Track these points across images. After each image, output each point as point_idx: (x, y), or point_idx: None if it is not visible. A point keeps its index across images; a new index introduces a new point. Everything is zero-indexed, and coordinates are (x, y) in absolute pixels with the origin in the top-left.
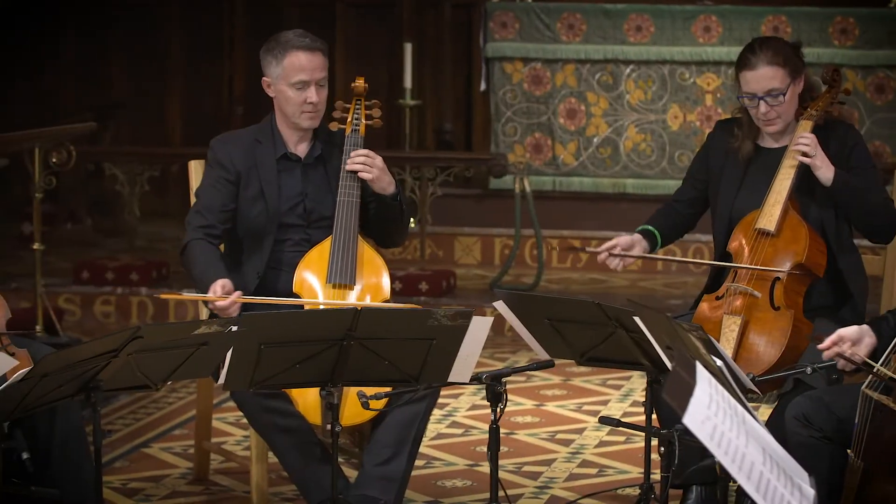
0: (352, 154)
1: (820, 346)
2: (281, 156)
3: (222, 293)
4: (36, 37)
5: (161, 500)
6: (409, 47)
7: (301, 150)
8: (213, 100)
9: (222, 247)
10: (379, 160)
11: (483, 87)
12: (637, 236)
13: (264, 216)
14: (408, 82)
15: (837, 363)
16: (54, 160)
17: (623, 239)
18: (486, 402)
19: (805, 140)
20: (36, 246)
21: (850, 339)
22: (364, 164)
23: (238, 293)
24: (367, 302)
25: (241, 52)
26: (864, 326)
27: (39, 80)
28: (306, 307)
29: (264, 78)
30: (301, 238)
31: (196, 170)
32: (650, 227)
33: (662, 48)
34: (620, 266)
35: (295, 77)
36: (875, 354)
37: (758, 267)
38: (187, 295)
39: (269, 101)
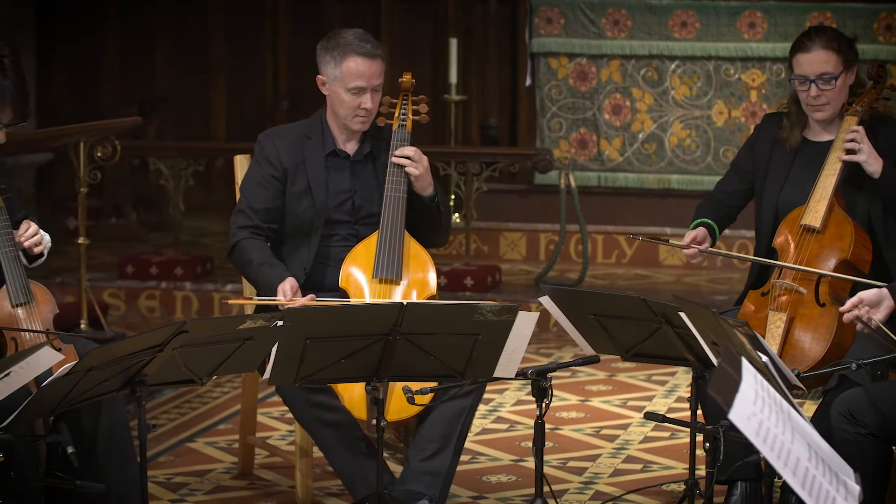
0: (399, 149)
1: (841, 309)
2: (330, 152)
3: (292, 294)
4: (79, 31)
5: (205, 495)
6: (454, 42)
7: (350, 147)
8: (257, 94)
9: (268, 244)
10: (425, 160)
11: (528, 82)
12: (704, 230)
13: (311, 212)
14: (453, 77)
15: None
16: (99, 154)
17: (698, 233)
18: (530, 398)
19: (853, 133)
20: (81, 240)
21: (869, 303)
22: (411, 158)
23: (310, 296)
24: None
25: (285, 46)
26: (884, 290)
27: (83, 75)
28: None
29: (319, 76)
30: (348, 233)
31: (242, 165)
32: (709, 221)
33: (707, 44)
34: (702, 261)
35: (352, 83)
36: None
37: (803, 268)
38: (259, 300)
39: (315, 96)
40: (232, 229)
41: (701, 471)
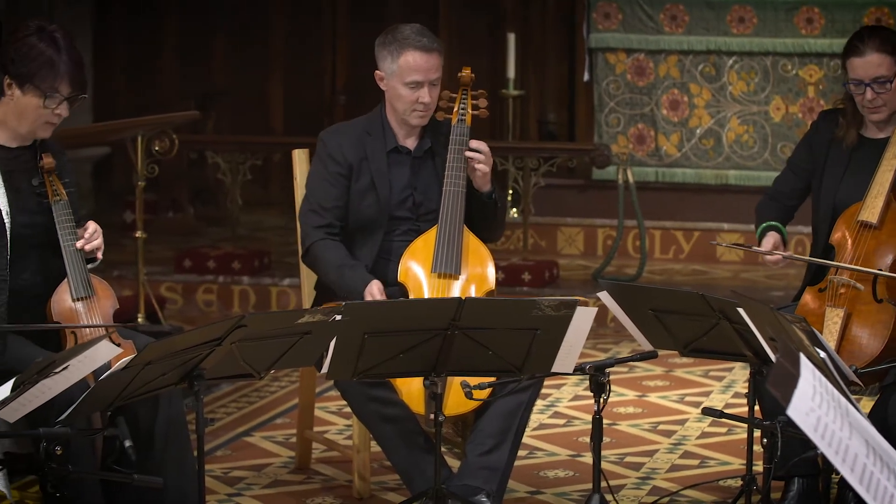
0: (473, 143)
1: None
2: (391, 149)
3: (380, 297)
4: (138, 25)
5: (263, 489)
6: (512, 37)
7: (410, 143)
8: (315, 89)
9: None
10: (492, 160)
11: (586, 77)
12: (778, 236)
13: (375, 208)
14: (511, 73)
15: None
16: (157, 148)
17: (777, 238)
18: (588, 393)
19: None
20: (138, 234)
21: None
22: (485, 154)
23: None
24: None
25: (343, 41)
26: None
27: (141, 69)
28: None
29: (377, 71)
30: (409, 228)
31: (300, 159)
32: (777, 224)
33: (765, 40)
34: (783, 265)
35: (410, 77)
36: None
37: (860, 268)
38: None
39: (373, 91)
40: (305, 230)
41: (758, 467)
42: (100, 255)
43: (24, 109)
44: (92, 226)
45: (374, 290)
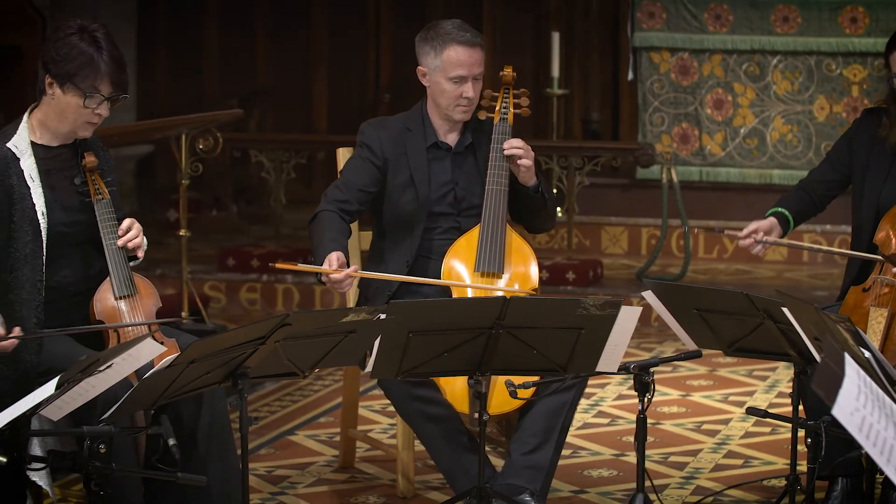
0: (507, 143)
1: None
2: (431, 144)
3: (337, 265)
4: (180, 24)
5: (306, 488)
6: (556, 36)
7: (451, 139)
8: (358, 86)
9: (355, 226)
10: (531, 151)
11: (630, 76)
12: (773, 220)
13: (414, 204)
14: (555, 71)
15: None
16: (201, 147)
17: (762, 224)
18: (631, 392)
19: None
20: (182, 232)
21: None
22: (523, 148)
23: (353, 267)
24: (516, 290)
25: (387, 38)
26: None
27: (184, 68)
28: (443, 288)
29: (420, 67)
30: (450, 226)
31: (344, 157)
32: (783, 211)
33: (809, 39)
34: (762, 251)
35: (453, 72)
36: None
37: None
38: (302, 266)
39: (417, 89)
40: (322, 200)
41: (802, 466)
42: (141, 253)
43: (65, 109)
44: (126, 223)
45: (333, 258)
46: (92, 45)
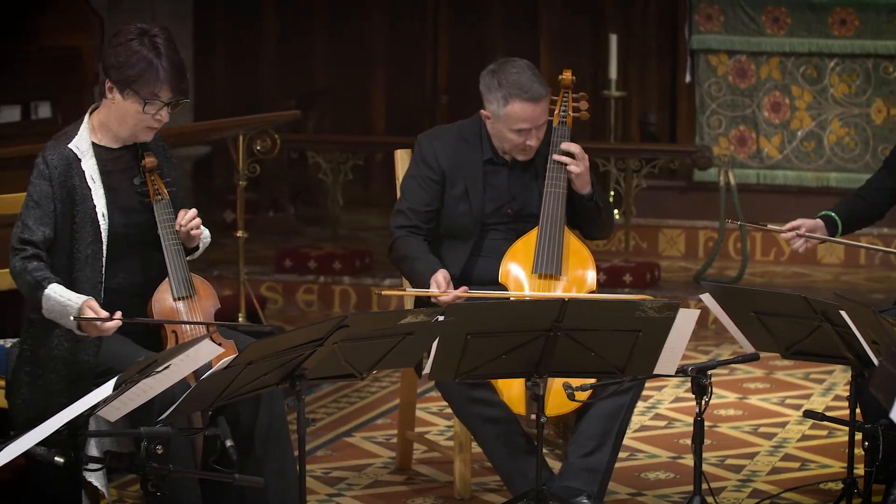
0: (563, 146)
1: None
2: (487, 159)
3: (446, 285)
4: (238, 24)
5: (363, 490)
6: (614, 38)
7: (508, 154)
8: (416, 89)
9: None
10: (587, 159)
11: (688, 79)
12: (819, 221)
13: (468, 217)
14: (613, 74)
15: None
16: (258, 148)
17: (807, 221)
18: (688, 395)
19: None
20: (239, 233)
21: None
22: (574, 156)
23: (463, 288)
24: (574, 293)
25: (445, 41)
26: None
27: (242, 68)
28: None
29: (483, 111)
30: (508, 230)
31: (402, 159)
32: (832, 214)
33: (867, 42)
34: (804, 248)
35: (518, 125)
36: None
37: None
38: (411, 291)
39: (476, 93)
40: (391, 229)
41: (859, 470)
42: (201, 243)
43: (125, 114)
44: (183, 210)
45: (439, 278)
46: (152, 50)
